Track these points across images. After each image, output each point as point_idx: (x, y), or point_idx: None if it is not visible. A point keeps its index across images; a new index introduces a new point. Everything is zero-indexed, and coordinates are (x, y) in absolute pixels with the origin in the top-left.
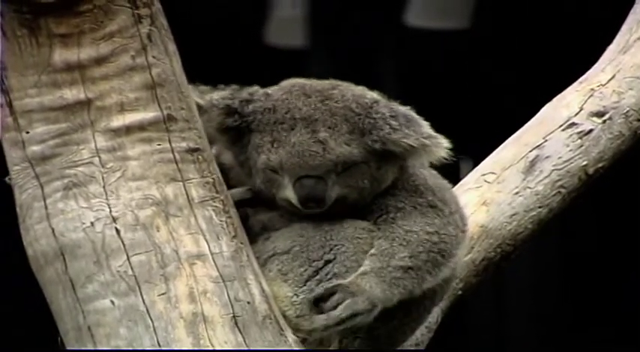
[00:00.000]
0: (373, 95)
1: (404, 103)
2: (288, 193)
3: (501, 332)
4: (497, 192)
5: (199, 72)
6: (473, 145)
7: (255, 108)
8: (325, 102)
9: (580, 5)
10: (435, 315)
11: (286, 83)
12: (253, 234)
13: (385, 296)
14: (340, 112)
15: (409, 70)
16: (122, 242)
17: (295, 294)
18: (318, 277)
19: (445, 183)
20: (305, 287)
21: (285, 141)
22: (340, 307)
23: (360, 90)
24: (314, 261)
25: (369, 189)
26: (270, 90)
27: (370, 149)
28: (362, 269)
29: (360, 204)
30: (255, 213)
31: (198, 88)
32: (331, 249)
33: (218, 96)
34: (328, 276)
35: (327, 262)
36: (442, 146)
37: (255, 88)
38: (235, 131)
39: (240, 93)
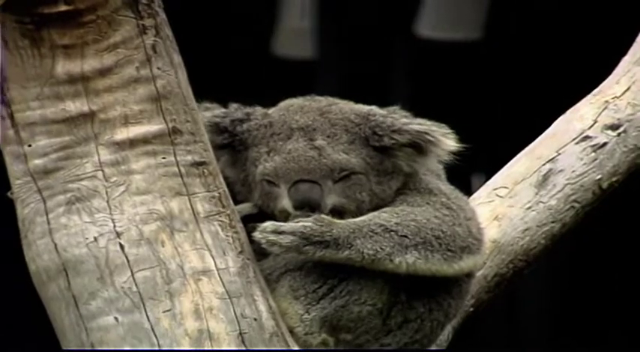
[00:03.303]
0: (370, 107)
1: (415, 115)
2: (285, 202)
3: (513, 349)
4: (510, 207)
5: (206, 84)
6: (485, 159)
7: (250, 127)
8: (324, 115)
9: (594, 16)
10: (445, 332)
11: (283, 103)
12: (262, 249)
13: (356, 243)
14: (340, 123)
15: (420, 82)
16: (126, 257)
17: (307, 312)
18: (332, 295)
19: (462, 195)
20: (318, 305)
21: (281, 149)
22: (300, 222)
23: (357, 105)
24: (328, 278)
25: (367, 204)
26: (269, 110)
27: (372, 158)
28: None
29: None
30: None
31: (205, 104)
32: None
33: (210, 114)
34: (342, 294)
35: (342, 280)
36: (447, 133)
37: (255, 108)
38: (230, 149)
39: (235, 113)
